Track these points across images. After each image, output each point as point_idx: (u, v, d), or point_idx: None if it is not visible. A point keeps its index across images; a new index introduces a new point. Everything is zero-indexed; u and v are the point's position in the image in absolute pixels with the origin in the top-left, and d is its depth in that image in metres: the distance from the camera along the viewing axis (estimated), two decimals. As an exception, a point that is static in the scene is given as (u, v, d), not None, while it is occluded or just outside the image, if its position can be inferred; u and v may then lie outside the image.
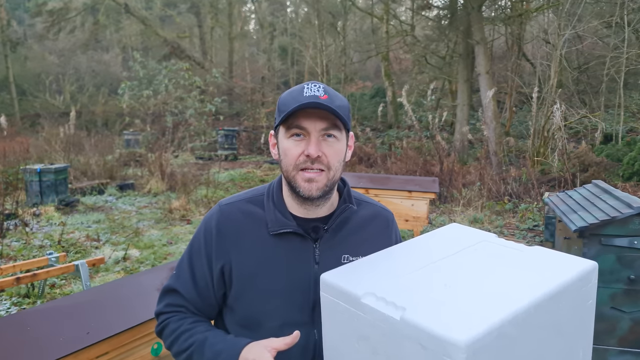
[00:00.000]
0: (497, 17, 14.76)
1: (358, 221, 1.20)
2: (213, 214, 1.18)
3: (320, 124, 1.05)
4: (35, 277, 3.31)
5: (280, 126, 1.09)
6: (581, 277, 0.90)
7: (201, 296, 1.16)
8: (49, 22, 24.22)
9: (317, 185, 1.07)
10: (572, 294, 0.88)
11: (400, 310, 0.79)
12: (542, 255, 0.98)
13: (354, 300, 0.87)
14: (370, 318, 0.84)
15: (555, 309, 0.84)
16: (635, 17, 10.10)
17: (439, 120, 11.07)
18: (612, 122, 10.87)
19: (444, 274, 0.91)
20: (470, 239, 1.09)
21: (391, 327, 0.80)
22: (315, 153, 1.04)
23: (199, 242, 1.17)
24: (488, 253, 1.02)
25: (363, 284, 0.89)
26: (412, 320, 0.77)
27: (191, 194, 8.24)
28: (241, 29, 25.52)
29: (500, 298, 0.80)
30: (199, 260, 1.16)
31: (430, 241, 1.11)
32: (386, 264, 0.99)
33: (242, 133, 16.27)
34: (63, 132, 12.52)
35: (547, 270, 0.90)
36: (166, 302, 1.19)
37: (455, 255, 1.01)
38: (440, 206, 7.66)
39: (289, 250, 1.12)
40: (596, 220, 2.83)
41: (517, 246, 1.04)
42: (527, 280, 0.86)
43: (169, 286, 1.20)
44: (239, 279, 1.12)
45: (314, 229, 1.14)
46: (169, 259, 5.34)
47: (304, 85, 1.07)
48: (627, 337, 2.86)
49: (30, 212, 6.97)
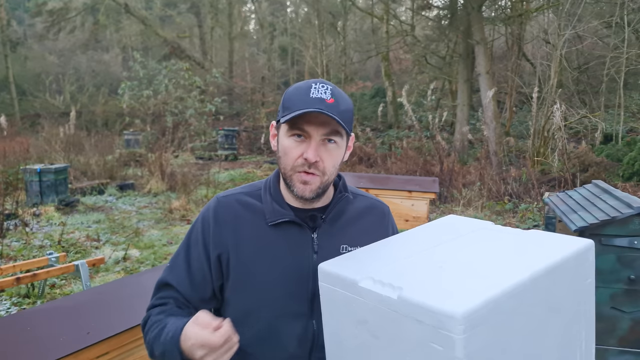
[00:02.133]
0: (497, 17, 14.75)
1: (355, 212, 1.21)
2: (210, 205, 1.18)
3: (322, 130, 1.06)
4: (35, 277, 3.31)
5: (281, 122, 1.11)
6: (577, 255, 0.90)
7: (195, 288, 1.14)
8: (49, 22, 24.22)
9: (311, 188, 1.08)
10: (569, 271, 0.89)
11: (398, 290, 0.80)
12: (539, 237, 0.99)
13: (351, 285, 0.88)
14: (368, 301, 0.84)
15: (552, 285, 0.85)
16: (635, 17, 10.10)
17: (439, 120, 11.07)
18: (612, 122, 10.87)
19: (441, 257, 0.92)
20: (468, 227, 1.10)
21: (389, 307, 0.80)
22: (313, 158, 1.05)
23: (196, 232, 1.16)
24: (485, 237, 1.02)
25: (360, 270, 0.90)
26: (408, 298, 0.77)
27: (191, 194, 8.24)
28: (241, 29, 25.51)
29: (496, 274, 0.81)
30: (196, 250, 1.15)
31: (428, 230, 1.12)
32: (383, 252, 1.00)
33: (242, 133, 16.27)
34: (63, 132, 12.53)
35: (543, 249, 0.91)
36: (157, 295, 1.17)
37: (452, 241, 1.01)
38: (440, 206, 7.66)
39: (287, 240, 1.12)
40: (596, 220, 2.83)
41: (514, 231, 1.05)
42: (523, 258, 0.87)
43: (161, 280, 1.17)
44: (236, 269, 1.12)
45: (311, 217, 1.15)
46: (169, 259, 5.33)
47: (312, 83, 1.07)
48: (627, 337, 2.86)
49: (30, 212, 6.97)
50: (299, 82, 1.12)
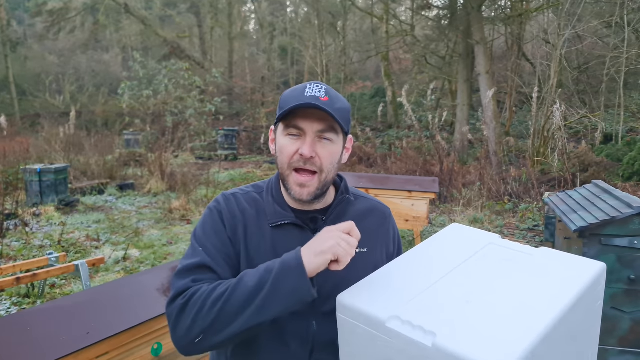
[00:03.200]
0: (497, 17, 14.76)
1: (356, 214, 1.21)
2: (219, 200, 1.17)
3: (317, 125, 1.06)
4: (35, 277, 3.31)
5: (279, 123, 1.11)
6: (594, 281, 0.91)
7: (230, 268, 1.08)
8: (49, 22, 24.23)
9: (309, 190, 1.09)
10: (587, 299, 0.89)
11: (430, 335, 0.79)
12: (552, 259, 0.98)
13: (377, 324, 0.86)
14: (396, 343, 0.83)
15: (574, 318, 0.85)
16: (635, 17, 10.11)
17: (439, 120, 11.07)
18: (612, 122, 10.87)
19: (461, 288, 0.91)
20: (475, 243, 1.09)
21: (422, 353, 0.79)
22: (308, 153, 1.05)
23: (212, 221, 1.12)
24: (498, 258, 1.01)
25: (383, 306, 0.88)
26: (445, 348, 0.76)
27: (191, 194, 8.24)
28: (241, 29, 25.52)
29: (526, 314, 0.81)
30: (217, 236, 1.10)
31: (436, 248, 1.10)
32: (399, 279, 0.98)
33: (242, 133, 16.27)
34: (63, 132, 12.53)
35: (562, 278, 0.91)
36: (193, 277, 1.04)
37: (465, 264, 1.00)
38: (440, 206, 7.66)
39: (288, 242, 1.12)
40: (596, 220, 2.83)
41: (524, 249, 1.03)
42: (546, 291, 0.87)
43: (198, 262, 1.06)
44: (243, 263, 1.12)
45: (312, 219, 1.16)
46: (169, 259, 5.34)
47: (307, 84, 1.09)
48: (627, 337, 2.86)
49: (30, 212, 6.97)
50: (296, 85, 1.13)
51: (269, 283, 0.93)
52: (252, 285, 0.94)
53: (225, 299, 0.94)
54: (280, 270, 0.94)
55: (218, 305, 0.94)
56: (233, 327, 0.93)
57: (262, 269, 0.96)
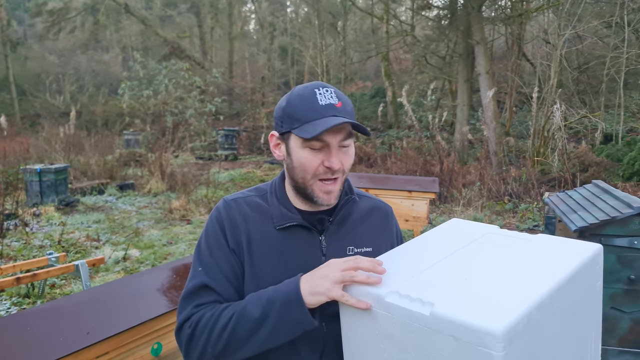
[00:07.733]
0: (497, 17, 14.75)
1: (360, 213, 1.21)
2: (220, 208, 1.17)
3: (339, 136, 1.05)
4: (35, 277, 3.31)
5: (291, 133, 1.07)
6: (590, 260, 0.93)
7: (234, 287, 1.10)
8: (49, 22, 24.24)
9: (335, 195, 1.11)
10: (584, 276, 0.92)
11: (428, 305, 0.80)
12: (549, 242, 1.01)
13: (376, 299, 0.87)
14: (395, 316, 0.84)
15: (571, 291, 0.87)
16: (635, 17, 10.11)
17: (439, 120, 11.07)
18: (612, 122, 10.87)
19: (460, 268, 0.93)
20: (474, 232, 1.11)
21: (420, 323, 0.80)
22: (337, 166, 1.05)
23: (214, 234, 1.13)
24: (496, 244, 1.03)
25: (383, 283, 0.90)
26: (443, 315, 0.77)
27: (191, 194, 8.24)
28: (241, 29, 25.52)
29: (522, 286, 0.82)
30: (220, 251, 1.11)
31: (436, 237, 1.12)
32: (400, 263, 1.00)
33: (242, 133, 16.28)
34: (63, 132, 12.54)
35: (558, 256, 0.93)
36: (195, 303, 1.07)
37: (464, 249, 1.02)
38: (440, 206, 7.66)
39: (296, 243, 1.12)
40: (596, 220, 2.83)
41: (522, 235, 1.06)
42: (543, 267, 0.89)
43: (198, 284, 1.09)
44: (248, 270, 1.11)
45: (319, 221, 1.15)
46: (169, 259, 5.34)
47: (314, 89, 1.06)
48: (627, 337, 2.85)
49: (30, 212, 6.97)
50: (299, 89, 1.08)
51: (272, 316, 0.98)
52: (256, 316, 0.99)
53: (231, 328, 1.00)
54: (281, 305, 0.98)
55: (225, 335, 1.00)
56: (244, 351, 1.01)
57: (265, 300, 1.00)
